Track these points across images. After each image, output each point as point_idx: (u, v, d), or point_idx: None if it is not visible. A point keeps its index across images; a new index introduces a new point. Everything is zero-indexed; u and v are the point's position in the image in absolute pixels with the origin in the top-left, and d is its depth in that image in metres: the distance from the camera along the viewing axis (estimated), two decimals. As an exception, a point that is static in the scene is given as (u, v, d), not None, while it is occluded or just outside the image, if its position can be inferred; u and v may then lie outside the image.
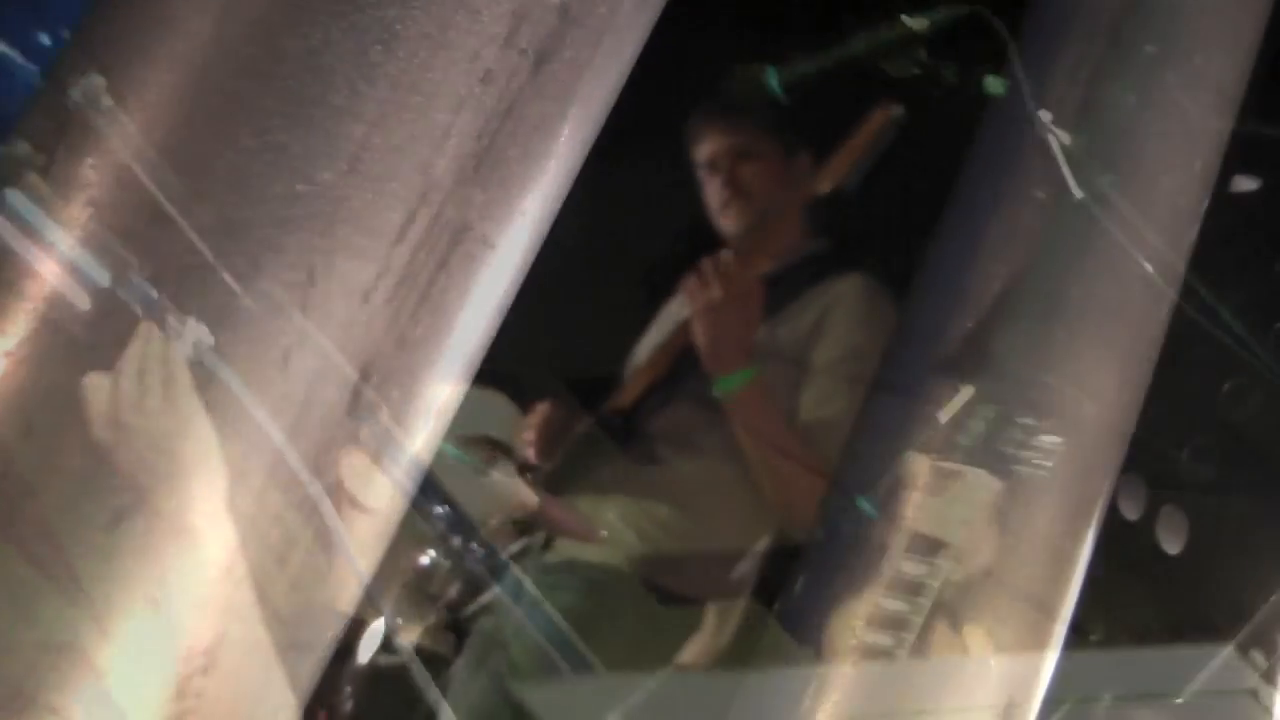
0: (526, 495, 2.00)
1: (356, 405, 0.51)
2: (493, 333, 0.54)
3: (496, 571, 2.50)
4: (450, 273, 0.50)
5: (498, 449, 2.16)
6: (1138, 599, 0.97)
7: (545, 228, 0.54)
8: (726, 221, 2.70)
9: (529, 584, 2.44)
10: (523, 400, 2.59)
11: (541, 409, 2.63)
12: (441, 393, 0.54)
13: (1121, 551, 0.96)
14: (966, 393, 0.72)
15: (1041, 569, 0.70)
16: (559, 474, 2.46)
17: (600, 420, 2.42)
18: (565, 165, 0.52)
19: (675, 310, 2.87)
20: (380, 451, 0.52)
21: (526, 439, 2.54)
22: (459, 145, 0.49)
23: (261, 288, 0.47)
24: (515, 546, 2.58)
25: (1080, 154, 0.79)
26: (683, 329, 2.60)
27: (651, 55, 0.61)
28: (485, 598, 2.41)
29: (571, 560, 2.50)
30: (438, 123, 0.49)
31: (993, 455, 0.72)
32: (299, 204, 0.47)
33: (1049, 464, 0.70)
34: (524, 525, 2.45)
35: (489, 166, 0.50)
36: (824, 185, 2.44)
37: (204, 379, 0.49)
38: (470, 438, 2.06)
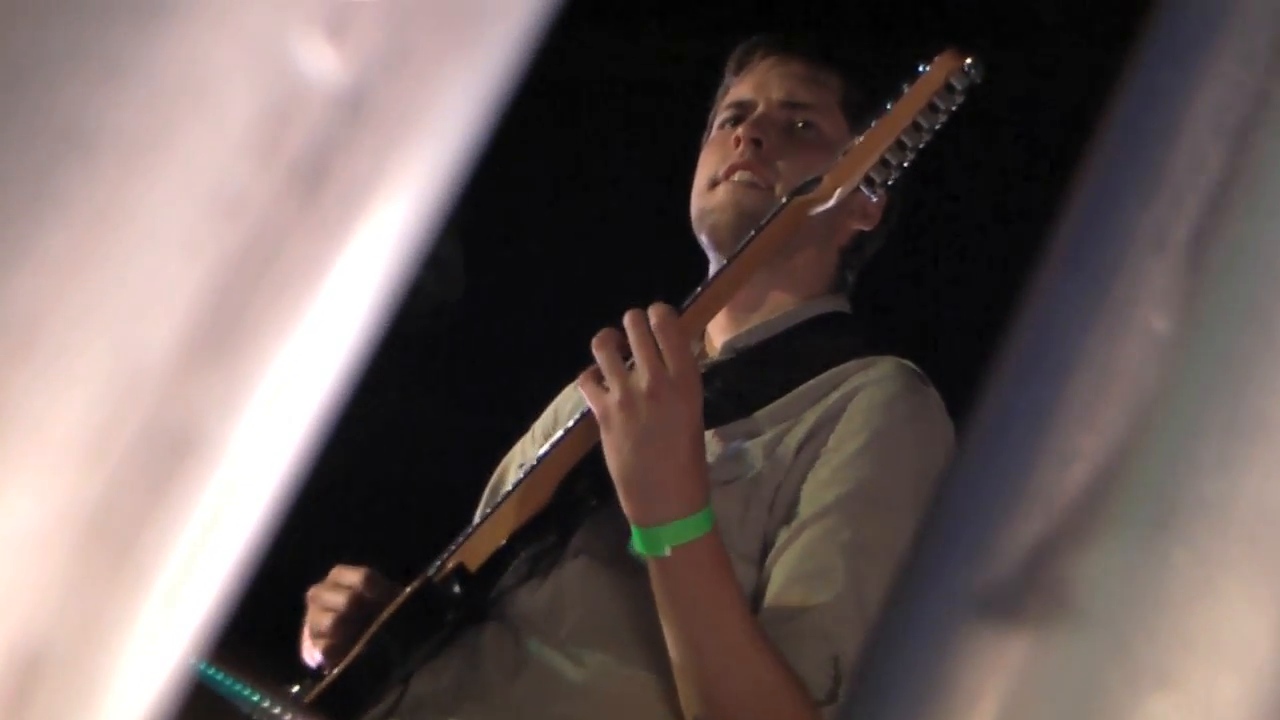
0: None
1: (21, 705, 0.54)
2: (238, 591, 0.57)
3: None
4: (169, 504, 0.49)
5: None
6: None
7: (322, 429, 0.50)
8: (723, 195, 2.66)
9: None
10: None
11: (350, 577, 2.58)
12: (154, 682, 0.57)
13: None
14: None
15: None
16: (346, 683, 2.45)
17: (427, 590, 2.41)
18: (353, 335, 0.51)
19: (568, 404, 2.83)
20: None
21: (319, 628, 2.50)
22: (188, 311, 0.48)
23: None
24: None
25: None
26: (576, 436, 2.56)
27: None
28: None
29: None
30: (156, 276, 0.48)
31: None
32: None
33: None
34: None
35: (231, 343, 0.49)
36: (854, 166, 2.43)
37: None
38: None
